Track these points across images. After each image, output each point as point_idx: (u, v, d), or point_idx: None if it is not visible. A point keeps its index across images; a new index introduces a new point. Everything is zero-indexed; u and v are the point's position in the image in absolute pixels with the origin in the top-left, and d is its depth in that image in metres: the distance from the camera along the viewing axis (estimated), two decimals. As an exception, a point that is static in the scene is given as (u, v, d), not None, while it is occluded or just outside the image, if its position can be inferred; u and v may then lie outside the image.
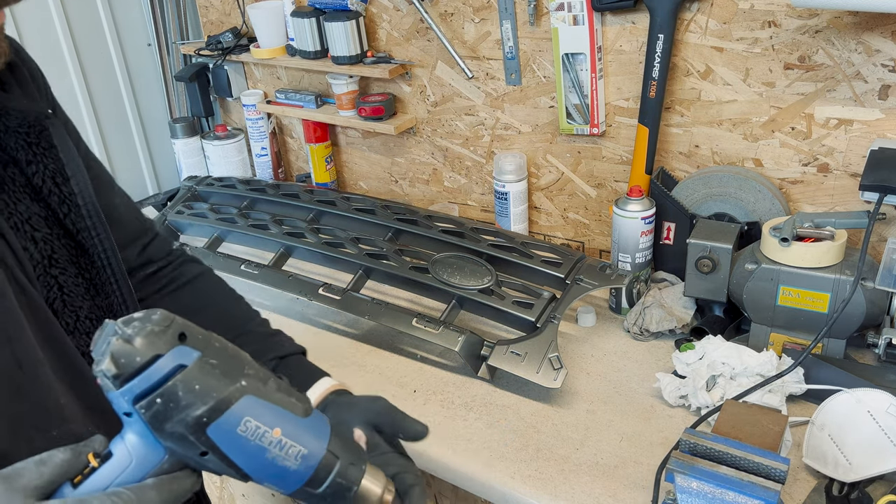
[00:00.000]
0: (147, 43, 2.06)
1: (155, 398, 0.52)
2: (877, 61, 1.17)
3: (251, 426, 0.55)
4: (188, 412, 0.52)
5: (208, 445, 0.54)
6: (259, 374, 0.57)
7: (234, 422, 0.54)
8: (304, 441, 0.58)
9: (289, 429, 0.57)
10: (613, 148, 1.49)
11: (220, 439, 0.54)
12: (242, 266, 1.46)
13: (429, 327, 1.25)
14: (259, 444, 0.55)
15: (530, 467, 1.07)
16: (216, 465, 0.55)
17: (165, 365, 0.52)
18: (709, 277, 1.24)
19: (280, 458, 0.57)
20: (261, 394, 0.56)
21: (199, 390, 0.53)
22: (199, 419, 0.53)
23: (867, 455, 0.96)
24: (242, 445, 0.55)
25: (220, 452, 0.54)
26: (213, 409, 0.53)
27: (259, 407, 0.55)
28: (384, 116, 1.71)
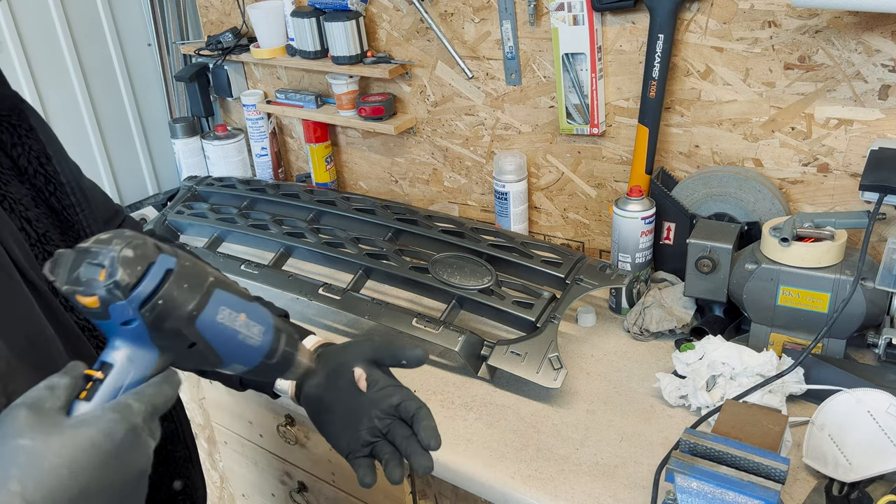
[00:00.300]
0: (147, 43, 2.06)
1: (157, 300, 0.57)
2: (877, 61, 1.17)
3: (225, 314, 0.62)
4: (182, 309, 0.59)
5: (197, 336, 0.60)
6: (215, 270, 0.65)
7: (213, 312, 0.61)
8: (259, 320, 0.66)
9: (250, 312, 0.65)
10: (613, 148, 1.49)
11: (204, 329, 0.61)
12: (242, 266, 1.46)
13: (429, 327, 1.25)
14: (233, 328, 0.63)
15: (530, 467, 1.07)
16: (198, 356, 0.62)
17: (158, 270, 0.58)
18: (709, 277, 1.24)
19: (247, 338, 0.65)
20: (225, 287, 0.63)
21: (187, 288, 0.59)
22: (191, 313, 0.59)
23: (867, 455, 0.96)
24: (221, 331, 0.62)
25: (204, 342, 0.61)
26: (199, 302, 0.60)
27: (227, 297, 0.63)
28: (384, 116, 1.71)
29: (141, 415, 0.56)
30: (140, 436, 0.55)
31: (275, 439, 1.44)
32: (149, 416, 0.57)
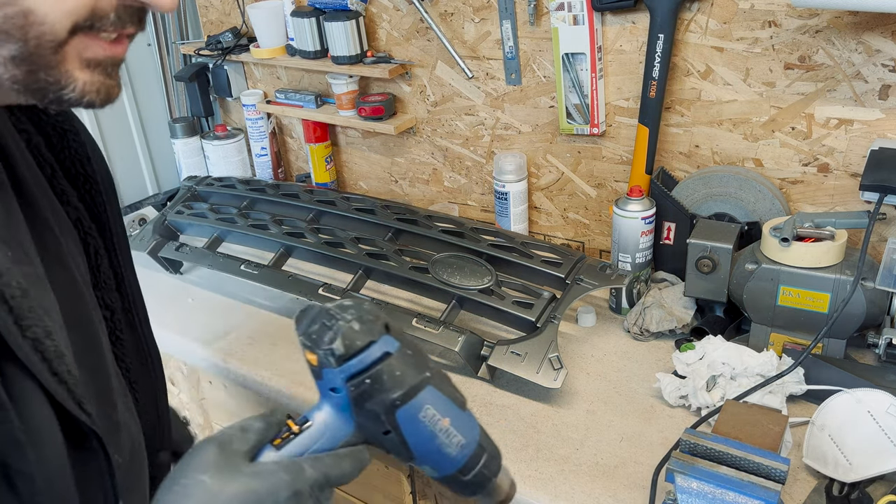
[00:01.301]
0: (147, 43, 2.06)
1: (364, 378, 0.59)
2: (877, 61, 1.17)
3: (429, 413, 0.62)
4: (387, 394, 0.60)
5: (393, 426, 0.61)
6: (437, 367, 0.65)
7: (417, 408, 0.61)
8: (464, 432, 0.65)
9: (455, 420, 0.64)
10: (613, 148, 1.49)
11: (404, 422, 0.61)
12: (242, 266, 1.46)
13: (429, 327, 1.25)
14: (432, 430, 0.62)
15: (530, 467, 1.07)
16: (392, 444, 0.63)
17: (376, 351, 0.60)
18: (709, 277, 1.24)
19: (445, 445, 0.63)
20: (439, 386, 0.63)
21: (399, 376, 0.60)
22: (394, 402, 0.60)
23: (867, 455, 0.96)
24: (419, 430, 0.62)
25: (400, 433, 0.61)
26: (405, 394, 0.60)
27: (437, 397, 0.62)
28: (384, 116, 1.71)
29: (309, 482, 0.58)
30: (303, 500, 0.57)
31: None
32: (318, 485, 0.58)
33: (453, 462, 0.65)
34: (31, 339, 0.59)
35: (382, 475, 1.27)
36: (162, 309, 1.53)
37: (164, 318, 1.49)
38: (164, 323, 1.48)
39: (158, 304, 1.54)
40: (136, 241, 1.65)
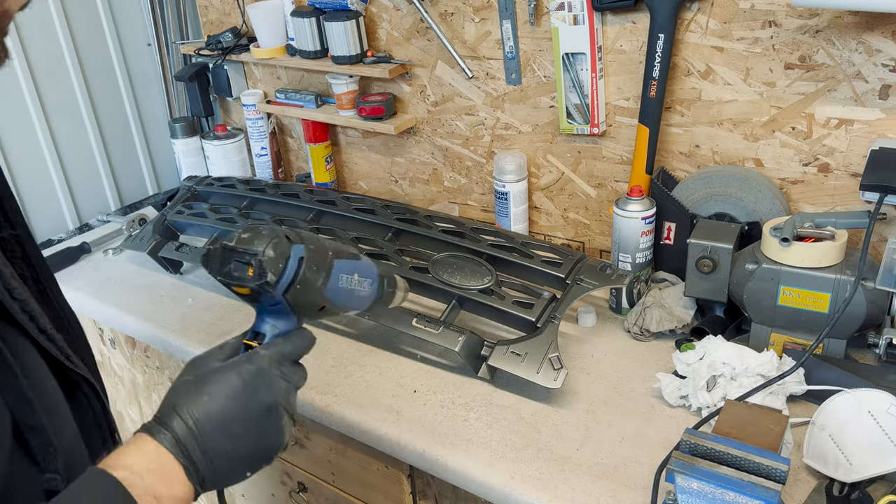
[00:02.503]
0: (147, 43, 2.06)
1: (296, 285, 0.73)
2: (877, 61, 1.17)
3: (343, 278, 0.79)
4: (315, 285, 0.75)
5: (325, 302, 0.77)
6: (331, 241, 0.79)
7: (336, 280, 0.77)
8: (368, 275, 0.84)
9: (359, 271, 0.82)
10: (614, 148, 1.49)
11: (331, 295, 0.77)
12: (242, 266, 1.46)
13: (429, 327, 1.25)
14: (350, 287, 0.80)
15: (530, 467, 1.07)
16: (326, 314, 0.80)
17: (294, 263, 0.73)
18: (709, 277, 1.24)
19: (361, 291, 0.83)
20: (339, 255, 0.78)
21: (316, 269, 0.75)
22: (321, 288, 0.76)
23: (868, 455, 0.96)
24: (342, 293, 0.79)
25: (330, 303, 0.78)
26: (325, 276, 0.76)
27: (343, 265, 0.78)
28: (384, 116, 1.71)
29: (267, 359, 0.72)
30: (266, 375, 0.71)
31: (275, 439, 1.44)
32: (275, 360, 0.72)
33: (370, 297, 0.85)
34: (18, 300, 0.66)
35: (382, 475, 1.27)
36: (162, 309, 1.52)
37: (164, 318, 1.49)
38: (164, 323, 1.48)
39: (158, 304, 1.54)
40: (137, 241, 1.65)
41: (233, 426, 0.68)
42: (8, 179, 0.80)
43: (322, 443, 1.34)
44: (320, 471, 1.39)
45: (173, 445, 0.65)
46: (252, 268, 0.70)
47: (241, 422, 0.68)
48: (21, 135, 1.81)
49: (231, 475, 0.70)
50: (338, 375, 1.29)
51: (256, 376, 0.70)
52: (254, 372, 0.70)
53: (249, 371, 0.70)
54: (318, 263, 0.75)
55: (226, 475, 0.69)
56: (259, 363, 0.71)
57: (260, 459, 0.72)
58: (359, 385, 1.26)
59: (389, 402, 1.22)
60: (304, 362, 1.26)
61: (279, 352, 0.73)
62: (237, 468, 0.70)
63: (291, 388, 0.74)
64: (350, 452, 1.30)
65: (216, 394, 0.68)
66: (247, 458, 0.70)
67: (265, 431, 0.71)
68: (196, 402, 0.67)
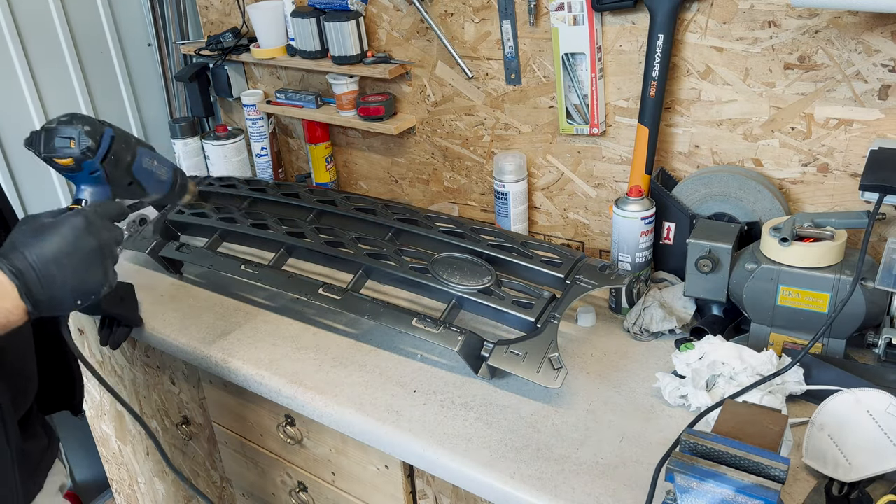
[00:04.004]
0: (147, 43, 2.06)
1: (110, 155, 0.98)
2: (877, 61, 1.17)
3: (145, 161, 1.05)
4: (124, 159, 1.01)
5: (132, 177, 1.03)
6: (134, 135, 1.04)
7: (140, 160, 1.04)
8: (165, 164, 1.12)
9: (158, 158, 1.09)
10: (613, 148, 1.49)
11: (136, 172, 1.04)
12: (242, 266, 1.46)
13: (429, 327, 1.25)
14: (151, 169, 1.07)
15: (530, 467, 1.07)
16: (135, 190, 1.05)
17: (107, 137, 0.98)
18: (709, 277, 1.24)
19: (160, 175, 1.10)
20: (142, 145, 1.05)
21: (125, 147, 1.01)
22: (129, 163, 1.02)
23: (867, 455, 0.96)
24: (145, 173, 1.06)
25: (137, 181, 1.04)
26: (132, 155, 1.02)
27: (144, 150, 1.05)
28: (384, 116, 1.71)
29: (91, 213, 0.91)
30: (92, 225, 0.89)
31: (275, 439, 1.44)
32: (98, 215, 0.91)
33: (168, 182, 1.12)
34: None
35: (382, 475, 1.27)
36: (162, 309, 1.53)
37: (164, 318, 1.49)
38: (164, 323, 1.48)
39: (158, 304, 1.54)
40: (137, 241, 1.65)
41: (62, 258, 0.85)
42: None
43: (322, 443, 1.34)
44: (320, 471, 1.40)
45: (9, 269, 0.83)
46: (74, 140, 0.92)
47: (70, 256, 0.86)
48: (22, 134, 1.81)
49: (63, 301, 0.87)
50: (338, 375, 1.29)
51: (83, 224, 0.88)
52: (81, 221, 0.88)
53: (77, 220, 0.88)
54: (125, 142, 1.00)
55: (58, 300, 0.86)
56: (85, 215, 0.89)
57: (87, 291, 0.89)
58: (359, 385, 1.26)
59: (389, 402, 1.22)
60: (303, 359, 1.31)
61: (101, 210, 0.93)
62: (67, 295, 0.87)
63: (112, 238, 0.92)
64: (350, 452, 1.30)
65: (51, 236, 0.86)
66: (76, 288, 0.87)
67: (91, 267, 0.88)
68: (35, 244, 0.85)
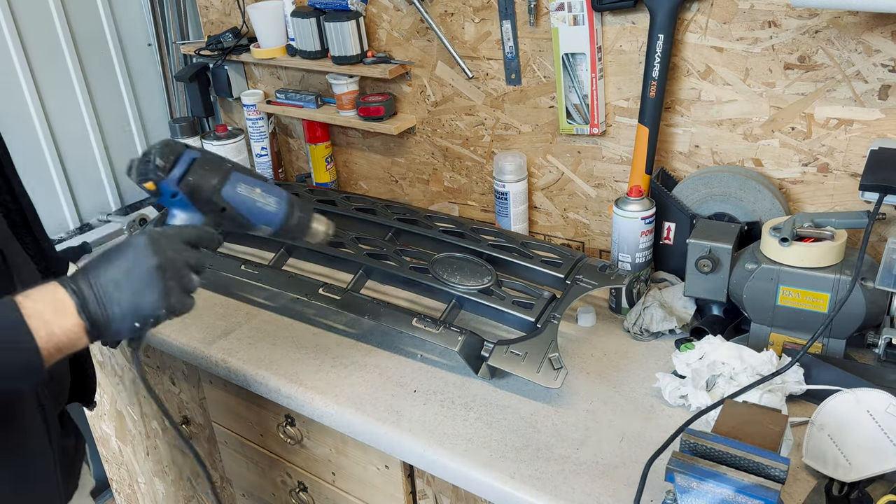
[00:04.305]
0: (147, 43, 2.06)
1: (188, 178, 0.90)
2: (877, 61, 1.17)
3: (243, 187, 0.93)
4: (209, 182, 0.91)
5: (224, 203, 0.92)
6: (234, 161, 0.95)
7: (233, 185, 0.92)
8: (274, 194, 0.96)
9: (263, 188, 0.95)
10: (613, 148, 1.49)
11: (228, 197, 0.92)
12: (242, 266, 1.46)
13: (429, 327, 1.25)
14: (251, 197, 0.94)
15: (530, 467, 1.07)
16: (231, 217, 0.93)
17: (186, 159, 0.90)
18: (709, 277, 1.24)
19: (265, 206, 0.95)
20: (241, 170, 0.94)
21: (210, 169, 0.91)
22: (215, 186, 0.91)
23: (867, 455, 0.96)
24: (242, 199, 0.93)
25: (231, 207, 0.92)
26: (221, 178, 0.91)
27: (242, 177, 0.94)
28: (384, 116, 1.71)
29: (157, 232, 0.86)
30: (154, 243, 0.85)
31: (275, 439, 1.44)
32: (167, 235, 0.86)
33: (277, 215, 0.96)
34: None
35: (382, 475, 1.27)
36: (162, 309, 1.53)
37: (165, 318, 1.49)
38: (164, 323, 1.48)
39: (159, 304, 1.54)
40: (137, 241, 1.65)
41: (120, 279, 0.83)
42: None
43: (322, 443, 1.34)
44: (320, 471, 1.40)
45: (68, 285, 0.81)
46: (151, 161, 0.89)
47: (127, 275, 0.83)
48: (22, 134, 1.81)
49: (120, 322, 0.83)
50: (338, 375, 1.29)
51: (145, 242, 0.85)
52: (143, 239, 0.85)
53: (140, 239, 0.86)
54: (211, 166, 0.91)
55: (116, 321, 0.83)
56: (149, 234, 0.86)
57: (145, 314, 0.84)
58: (359, 385, 1.26)
59: (389, 402, 1.22)
60: (303, 359, 1.29)
61: (172, 231, 0.89)
62: (125, 316, 0.83)
63: (181, 260, 0.86)
64: (350, 452, 1.30)
65: (113, 257, 0.84)
66: (132, 309, 0.83)
67: (148, 288, 0.84)
68: (97, 265, 0.84)
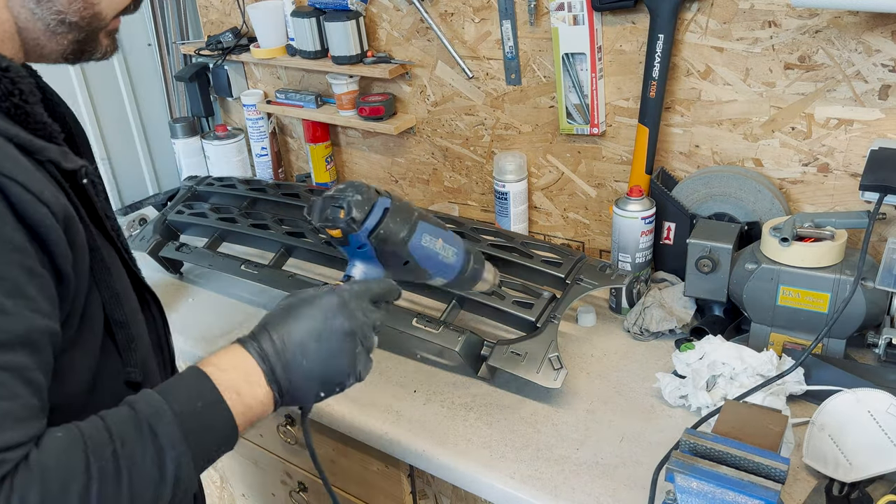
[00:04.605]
0: (147, 43, 2.06)
1: (380, 230, 0.84)
2: (877, 61, 1.17)
3: (427, 239, 0.88)
4: (398, 235, 0.85)
5: (408, 256, 0.87)
6: (418, 208, 0.90)
7: (419, 237, 0.87)
8: (454, 245, 0.93)
9: (445, 239, 0.91)
10: (613, 148, 1.49)
11: (414, 250, 0.87)
12: (242, 266, 1.46)
13: (429, 327, 1.25)
14: (434, 249, 0.90)
15: (530, 467, 1.07)
16: (411, 270, 0.89)
17: (380, 208, 0.84)
18: (709, 277, 1.24)
19: (445, 258, 0.92)
20: (427, 219, 0.89)
21: (400, 221, 0.85)
22: (404, 238, 0.86)
23: (867, 455, 0.96)
24: (426, 252, 0.89)
25: (414, 259, 0.88)
26: (409, 231, 0.86)
27: (429, 227, 0.89)
28: (384, 116, 1.71)
29: (347, 293, 0.81)
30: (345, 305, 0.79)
31: (275, 439, 1.44)
32: (355, 295, 0.81)
33: (454, 267, 0.94)
34: (110, 218, 0.83)
35: (382, 475, 1.27)
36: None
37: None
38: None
39: (159, 304, 1.54)
40: (137, 241, 1.65)
41: (309, 344, 0.77)
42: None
43: (322, 443, 1.34)
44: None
45: (256, 352, 0.75)
46: (343, 210, 0.82)
47: (317, 342, 0.77)
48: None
49: (306, 391, 0.79)
50: (338, 375, 1.29)
51: (336, 305, 0.79)
52: (334, 301, 0.80)
53: (330, 300, 0.80)
54: (402, 216, 0.86)
55: (301, 390, 0.78)
56: (340, 294, 0.80)
57: (332, 382, 0.80)
58: (359, 385, 1.26)
59: (389, 402, 1.22)
60: None
61: (360, 289, 0.83)
62: (311, 385, 0.78)
63: (368, 322, 0.81)
64: (350, 452, 1.30)
65: (300, 316, 0.78)
66: (320, 377, 0.79)
67: (338, 355, 0.79)
68: (282, 323, 0.78)
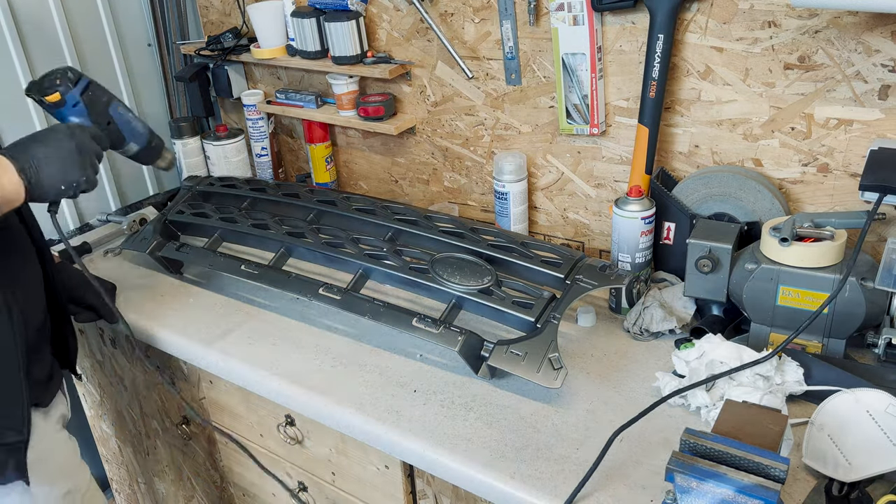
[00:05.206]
0: (147, 43, 2.06)
1: (89, 91, 1.27)
2: (877, 61, 1.17)
3: (121, 108, 1.32)
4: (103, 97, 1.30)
5: (110, 117, 1.31)
6: None
7: (116, 106, 1.31)
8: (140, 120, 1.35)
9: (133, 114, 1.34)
10: (613, 148, 1.49)
11: (114, 113, 1.31)
12: (242, 266, 1.46)
13: (429, 327, 1.25)
14: (126, 117, 1.33)
15: (530, 467, 1.07)
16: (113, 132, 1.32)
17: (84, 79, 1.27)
18: (709, 277, 1.24)
19: (137, 125, 1.35)
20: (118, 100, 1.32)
21: (100, 90, 1.30)
22: (106, 102, 1.30)
23: (867, 455, 0.96)
24: (124, 117, 1.32)
25: (114, 122, 1.31)
26: (108, 97, 1.31)
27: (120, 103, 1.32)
28: (384, 116, 1.71)
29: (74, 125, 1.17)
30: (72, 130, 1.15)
31: (275, 439, 1.44)
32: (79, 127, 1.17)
33: (143, 136, 1.36)
34: None
35: (382, 475, 1.27)
36: (162, 309, 1.53)
37: (165, 319, 1.49)
38: (164, 323, 1.48)
39: (158, 304, 1.54)
40: (137, 241, 1.65)
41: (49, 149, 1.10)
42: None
43: (322, 443, 1.34)
44: (320, 471, 1.40)
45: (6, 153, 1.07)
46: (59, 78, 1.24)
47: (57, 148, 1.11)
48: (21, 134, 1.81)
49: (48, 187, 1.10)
50: (337, 375, 1.29)
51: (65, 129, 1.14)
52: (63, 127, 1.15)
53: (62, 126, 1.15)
54: (101, 89, 1.29)
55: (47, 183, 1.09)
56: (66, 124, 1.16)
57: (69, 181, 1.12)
58: (359, 385, 1.27)
59: (389, 402, 1.22)
60: (303, 359, 1.29)
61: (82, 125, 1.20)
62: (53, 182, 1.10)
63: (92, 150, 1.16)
64: (350, 452, 1.31)
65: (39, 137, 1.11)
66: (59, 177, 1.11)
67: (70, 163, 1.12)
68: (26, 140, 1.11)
